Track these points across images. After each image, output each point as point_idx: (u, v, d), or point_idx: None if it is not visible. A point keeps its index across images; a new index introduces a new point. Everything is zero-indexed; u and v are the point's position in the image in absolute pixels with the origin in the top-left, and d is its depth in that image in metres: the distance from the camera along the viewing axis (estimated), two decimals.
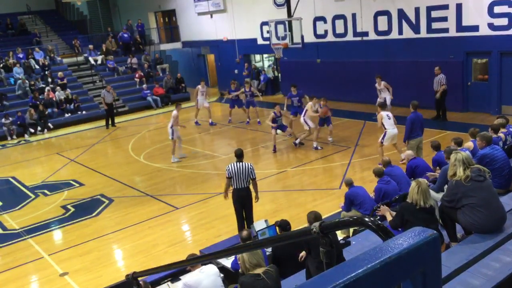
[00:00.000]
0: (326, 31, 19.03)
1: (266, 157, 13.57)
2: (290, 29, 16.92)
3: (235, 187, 8.03)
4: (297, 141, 13.52)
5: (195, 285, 5.00)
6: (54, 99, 20.67)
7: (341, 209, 7.92)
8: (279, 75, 22.49)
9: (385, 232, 1.66)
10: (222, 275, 5.23)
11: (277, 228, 6.52)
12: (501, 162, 6.35)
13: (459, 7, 14.65)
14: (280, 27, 18.02)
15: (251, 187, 8.12)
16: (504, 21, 13.68)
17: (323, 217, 6.01)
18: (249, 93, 16.79)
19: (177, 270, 6.25)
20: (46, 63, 22.76)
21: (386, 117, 10.93)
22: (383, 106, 11.77)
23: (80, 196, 11.66)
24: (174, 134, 13.18)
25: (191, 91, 24.00)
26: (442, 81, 14.25)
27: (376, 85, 14.81)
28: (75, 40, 25.08)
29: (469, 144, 7.61)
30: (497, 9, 13.76)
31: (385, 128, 10.91)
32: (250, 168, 7.97)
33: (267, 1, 20.70)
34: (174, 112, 13.22)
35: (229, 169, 8.02)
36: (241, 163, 7.99)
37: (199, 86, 17.67)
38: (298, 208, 9.28)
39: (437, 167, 7.77)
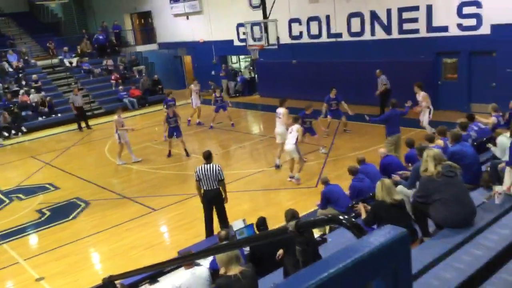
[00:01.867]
0: (301, 33, 19.19)
1: (244, 157, 13.62)
2: (266, 31, 17.01)
3: (204, 188, 8.07)
4: (278, 162, 11.95)
5: (184, 287, 4.99)
6: (28, 102, 20.30)
7: (317, 207, 8.04)
8: (256, 76, 22.57)
9: (359, 230, 1.72)
10: (210, 279, 5.22)
11: (254, 226, 6.59)
12: (470, 158, 6.54)
13: (429, 8, 14.98)
14: (256, 29, 18.09)
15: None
16: (472, 22, 14.05)
17: (300, 215, 6.10)
18: (219, 98, 16.80)
19: (155, 272, 6.24)
20: (20, 65, 22.33)
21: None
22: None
23: (55, 199, 11.50)
24: (121, 138, 13.27)
25: (168, 92, 23.85)
26: (384, 81, 14.87)
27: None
28: (50, 42, 24.68)
29: (440, 141, 7.81)
30: (466, 10, 14.12)
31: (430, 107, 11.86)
32: (218, 170, 8.04)
33: (243, 3, 20.75)
34: (115, 117, 13.36)
35: (197, 171, 8.08)
36: (209, 165, 8.06)
37: (192, 86, 17.48)
38: (276, 207, 9.35)
39: (409, 164, 7.94)
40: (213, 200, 8.16)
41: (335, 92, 13.88)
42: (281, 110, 11.78)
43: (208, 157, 8.19)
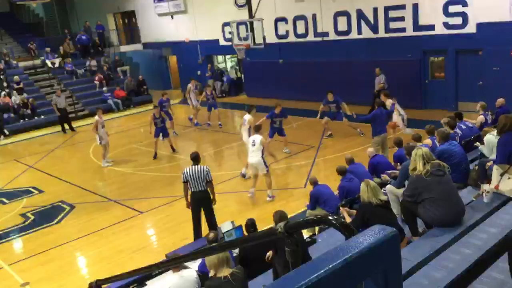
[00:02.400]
0: (287, 32, 19.18)
1: (232, 158, 13.56)
2: (252, 30, 16.94)
3: (192, 190, 7.99)
4: (243, 171, 11.46)
5: None
6: (10, 104, 19.97)
7: (306, 208, 8.00)
8: (242, 76, 22.50)
9: (348, 230, 1.69)
10: (199, 282, 5.15)
11: (244, 228, 6.52)
12: (459, 157, 6.55)
13: (415, 7, 15.07)
14: (242, 28, 18.01)
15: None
16: (458, 20, 14.16)
17: (289, 216, 6.04)
18: (210, 96, 16.69)
19: (142, 276, 6.15)
20: (1, 67, 21.95)
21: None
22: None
23: (40, 203, 11.31)
24: (101, 140, 13.25)
25: (153, 93, 23.70)
26: (381, 80, 14.94)
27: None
28: (31, 43, 24.31)
29: (428, 140, 7.83)
30: (452, 9, 14.22)
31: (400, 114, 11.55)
32: (206, 171, 7.96)
33: (228, 2, 20.67)
34: (96, 118, 13.30)
35: (184, 173, 7.99)
36: (196, 166, 7.98)
37: (190, 85, 17.26)
38: (264, 208, 9.30)
39: (398, 163, 7.94)
40: (201, 201, 8.08)
41: (332, 95, 13.53)
42: (247, 117, 11.46)
43: (195, 158, 8.12)
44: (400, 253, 1.33)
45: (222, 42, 21.76)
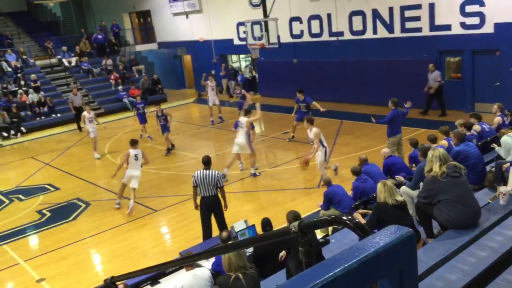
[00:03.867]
0: (302, 31, 19.13)
1: (245, 158, 13.54)
2: (266, 29, 16.99)
3: (202, 195, 7.84)
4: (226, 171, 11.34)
5: None
6: (27, 102, 20.26)
7: (320, 208, 7.98)
8: (256, 75, 22.51)
9: (363, 230, 1.68)
10: (212, 280, 5.17)
11: (259, 227, 6.51)
12: (475, 158, 6.48)
13: (431, 6, 14.92)
14: (256, 28, 18.08)
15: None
16: (475, 20, 13.98)
17: (302, 216, 6.04)
18: (240, 95, 16.50)
19: (156, 274, 6.19)
20: (19, 65, 22.27)
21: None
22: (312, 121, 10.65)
23: (55, 200, 11.45)
24: (90, 133, 14.41)
25: (167, 92, 23.86)
26: (437, 77, 14.53)
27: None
28: (48, 42, 24.62)
29: (444, 142, 7.75)
30: (469, 9, 14.05)
31: (324, 146, 10.20)
32: (218, 176, 7.80)
33: (243, 2, 20.69)
34: (84, 113, 14.56)
35: (195, 177, 7.83)
36: (208, 171, 7.81)
37: (208, 82, 17.23)
38: (278, 208, 9.30)
39: (413, 164, 7.89)
40: (211, 207, 7.91)
41: (301, 95, 13.39)
42: (244, 120, 11.31)
43: (207, 162, 7.95)
44: (416, 254, 1.33)
45: (237, 42, 21.80)
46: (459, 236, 4.78)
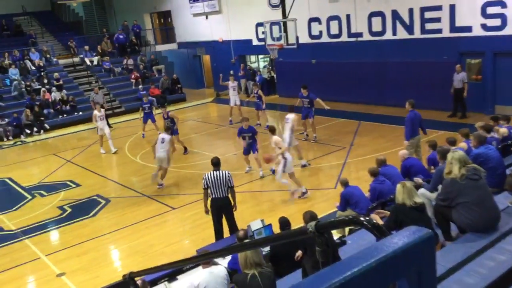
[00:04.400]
0: (321, 32, 19.09)
1: (261, 157, 13.59)
2: (285, 30, 16.98)
3: (213, 196, 7.83)
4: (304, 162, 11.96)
5: (202, 286, 5.01)
6: (50, 100, 20.64)
7: (336, 209, 7.98)
8: (275, 76, 22.53)
9: (380, 231, 1.70)
10: (228, 278, 5.23)
11: (278, 226, 6.53)
12: (495, 161, 6.41)
13: (452, 8, 14.75)
14: (275, 28, 18.07)
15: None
16: (497, 22, 13.78)
17: (318, 217, 6.06)
18: (256, 95, 16.57)
19: (174, 270, 6.29)
20: (42, 64, 22.71)
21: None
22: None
23: (76, 196, 11.66)
24: (99, 130, 15.05)
25: (186, 91, 24.06)
26: (464, 78, 14.29)
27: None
28: (71, 41, 25.03)
29: (463, 144, 7.68)
30: (490, 10, 13.86)
31: (284, 157, 9.71)
32: (228, 176, 7.79)
33: (262, 2, 20.74)
34: (95, 112, 15.17)
35: (206, 178, 7.79)
36: (218, 172, 7.81)
37: (229, 82, 17.30)
38: (294, 208, 9.32)
39: (432, 166, 7.83)
40: (222, 208, 7.92)
41: (306, 91, 13.69)
42: (291, 116, 11.69)
43: (217, 163, 7.96)
44: (435, 255, 1.32)
45: (255, 42, 21.86)
46: (478, 240, 4.75)
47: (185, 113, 19.28)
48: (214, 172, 7.86)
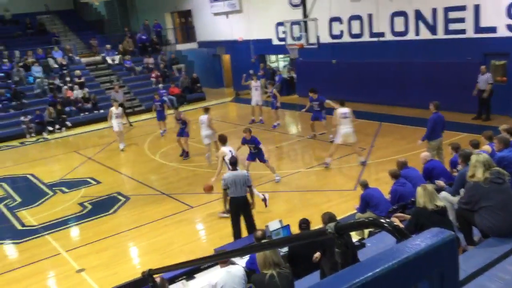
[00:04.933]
0: (342, 32, 18.96)
1: (280, 157, 13.59)
2: (306, 30, 16.93)
3: (232, 196, 7.93)
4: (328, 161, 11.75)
5: (220, 285, 5.01)
6: (71, 98, 20.96)
7: (356, 211, 7.90)
8: (295, 75, 22.47)
9: (401, 234, 1.67)
10: (246, 278, 5.23)
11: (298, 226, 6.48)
12: None
13: (476, 8, 14.49)
14: (296, 28, 18.03)
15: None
16: None
17: (337, 218, 6.00)
18: (271, 93, 16.53)
19: (192, 269, 6.30)
20: (65, 62, 23.08)
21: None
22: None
23: (97, 193, 11.80)
24: (114, 127, 15.47)
25: (206, 90, 24.16)
26: (489, 80, 14.00)
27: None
28: (93, 40, 25.36)
29: (487, 147, 7.52)
30: None
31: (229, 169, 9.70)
32: (247, 175, 7.94)
33: (282, 2, 20.70)
34: (112, 108, 15.68)
35: (225, 179, 7.88)
36: (236, 172, 7.93)
37: (252, 82, 17.32)
38: (312, 209, 9.26)
39: (454, 169, 7.69)
40: (241, 207, 8.02)
41: (314, 93, 13.72)
42: (348, 110, 11.57)
43: (235, 163, 8.10)
44: (458, 258, 1.31)
45: (275, 42, 21.83)
46: (501, 244, 4.65)
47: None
48: (233, 172, 7.94)
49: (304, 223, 6.25)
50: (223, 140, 10.01)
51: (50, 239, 9.48)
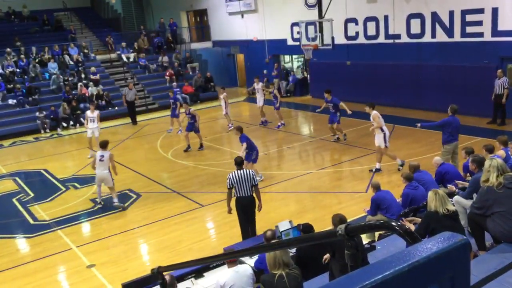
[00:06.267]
0: (357, 33, 18.86)
1: (291, 158, 13.55)
2: (321, 30, 16.83)
3: (238, 195, 7.90)
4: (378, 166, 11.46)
5: (228, 285, 5.01)
6: (86, 94, 21.14)
7: (365, 213, 7.85)
8: (308, 76, 22.41)
9: (412, 237, 1.65)
10: (254, 277, 5.22)
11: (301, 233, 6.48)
12: None
13: (495, 11, 14.30)
14: (311, 28, 17.94)
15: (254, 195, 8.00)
16: None
17: (348, 221, 5.96)
18: (272, 94, 16.59)
19: (201, 267, 6.31)
20: (80, 59, 23.30)
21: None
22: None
23: (108, 190, 11.85)
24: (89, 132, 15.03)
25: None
26: (505, 84, 13.79)
27: None
28: (109, 38, 25.58)
29: (501, 152, 7.42)
30: None
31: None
32: (252, 175, 7.88)
33: (298, 2, 20.66)
34: (87, 112, 15.24)
35: (230, 178, 7.84)
36: (242, 171, 7.88)
37: (254, 84, 17.51)
38: (323, 210, 9.23)
39: (468, 174, 7.60)
40: (247, 207, 7.99)
41: (329, 95, 13.78)
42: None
43: (240, 163, 8.07)
44: (469, 262, 1.29)
45: (290, 42, 21.80)
46: None
47: (217, 111, 19.39)
48: (238, 171, 7.92)
49: (309, 229, 6.18)
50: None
51: (62, 234, 9.57)
